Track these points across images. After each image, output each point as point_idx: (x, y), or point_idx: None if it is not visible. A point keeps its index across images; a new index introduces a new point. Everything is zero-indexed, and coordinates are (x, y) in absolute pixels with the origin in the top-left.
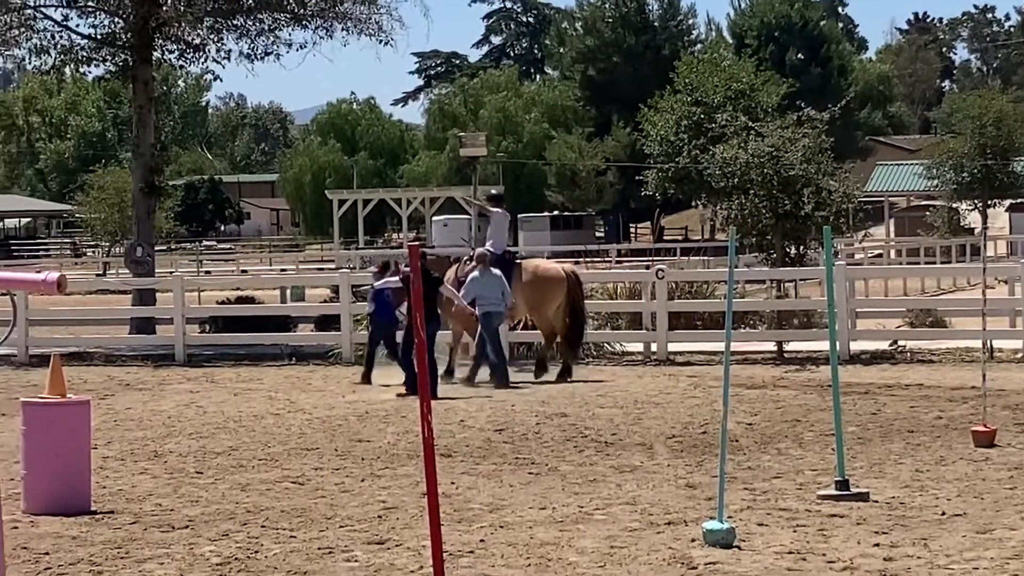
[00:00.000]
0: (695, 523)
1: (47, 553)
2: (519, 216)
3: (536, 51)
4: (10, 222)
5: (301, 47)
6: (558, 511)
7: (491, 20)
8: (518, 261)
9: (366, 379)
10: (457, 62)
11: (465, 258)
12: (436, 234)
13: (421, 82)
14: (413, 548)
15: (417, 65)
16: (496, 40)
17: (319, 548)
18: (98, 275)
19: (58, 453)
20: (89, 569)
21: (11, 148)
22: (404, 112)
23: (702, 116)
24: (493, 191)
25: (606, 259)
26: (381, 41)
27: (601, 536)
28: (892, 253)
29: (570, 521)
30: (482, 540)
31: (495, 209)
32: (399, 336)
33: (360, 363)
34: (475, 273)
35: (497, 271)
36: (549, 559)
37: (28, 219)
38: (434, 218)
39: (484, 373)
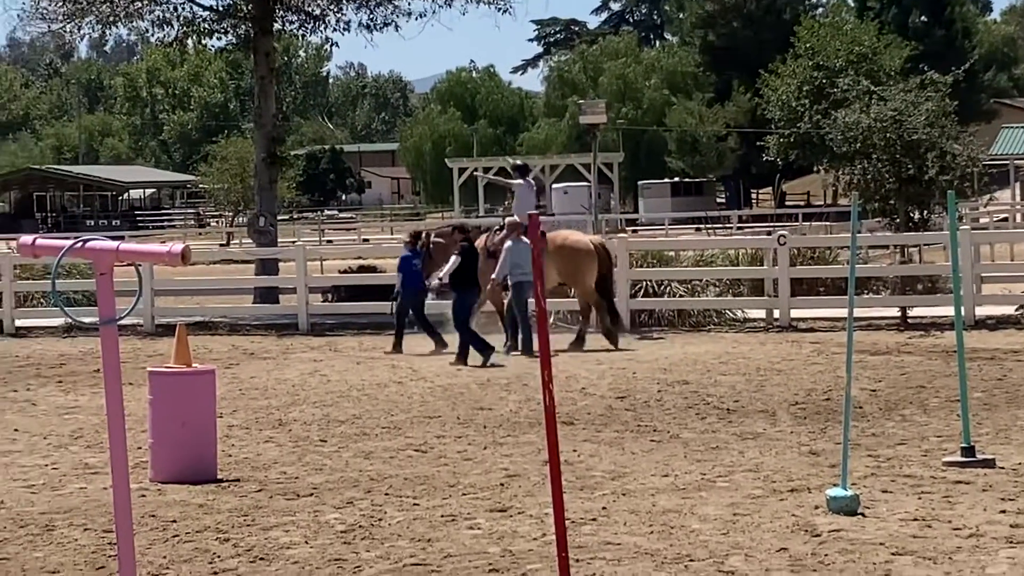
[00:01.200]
0: (818, 490)
1: (174, 521)
2: (639, 183)
3: (655, 17)
4: (135, 193)
5: (420, 16)
6: (680, 478)
7: None
8: (545, 232)
9: (397, 348)
10: (576, 29)
11: (495, 228)
12: (556, 202)
13: (540, 49)
14: (535, 516)
15: (536, 32)
16: (615, 6)
17: (442, 516)
18: (222, 245)
19: (184, 422)
20: (216, 536)
21: (135, 120)
22: (523, 80)
23: (823, 80)
24: (518, 161)
25: (727, 225)
26: (500, 9)
27: (724, 503)
28: (1018, 217)
29: (692, 488)
30: (604, 508)
31: (517, 181)
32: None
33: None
34: (509, 243)
35: (527, 241)
36: (671, 527)
37: (152, 190)
38: (554, 186)
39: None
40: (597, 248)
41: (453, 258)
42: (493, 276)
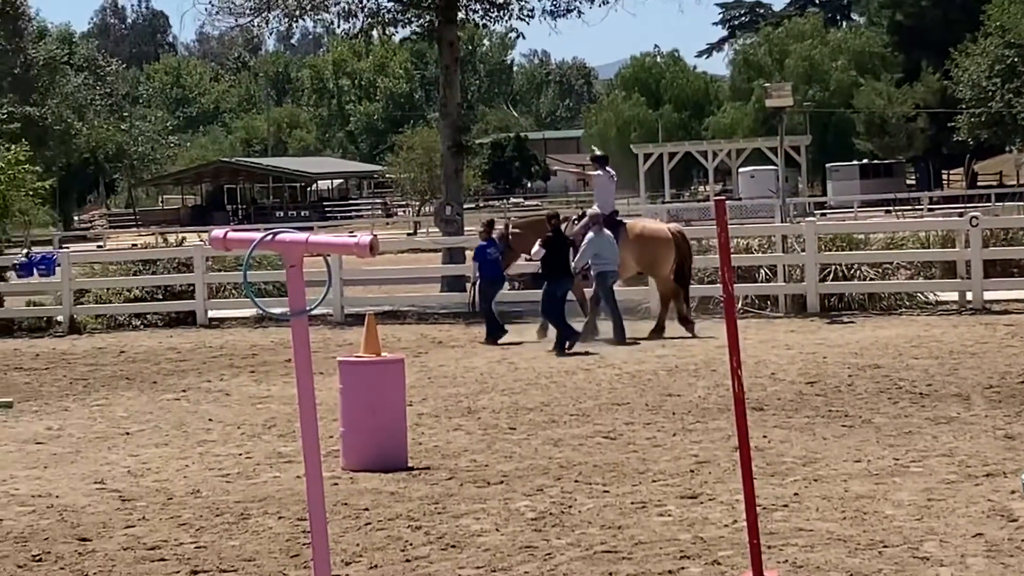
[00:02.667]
0: (1014, 475)
1: (367, 509)
2: (827, 165)
3: None
4: (323, 184)
5: (604, 2)
6: (873, 464)
7: None
8: (624, 221)
9: (497, 337)
10: (761, 11)
11: (573, 218)
12: (743, 186)
13: (725, 33)
14: (726, 502)
15: (721, 16)
16: None
17: (632, 502)
18: (409, 234)
19: (375, 410)
20: (407, 524)
21: (322, 111)
22: (708, 64)
23: (1015, 59)
24: (597, 152)
25: (917, 207)
26: None
27: (918, 489)
28: None
29: (885, 474)
30: (796, 494)
31: (596, 172)
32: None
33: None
34: (590, 234)
35: (608, 232)
36: (865, 512)
37: (340, 180)
38: (740, 170)
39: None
40: (675, 236)
41: (536, 248)
42: (572, 266)
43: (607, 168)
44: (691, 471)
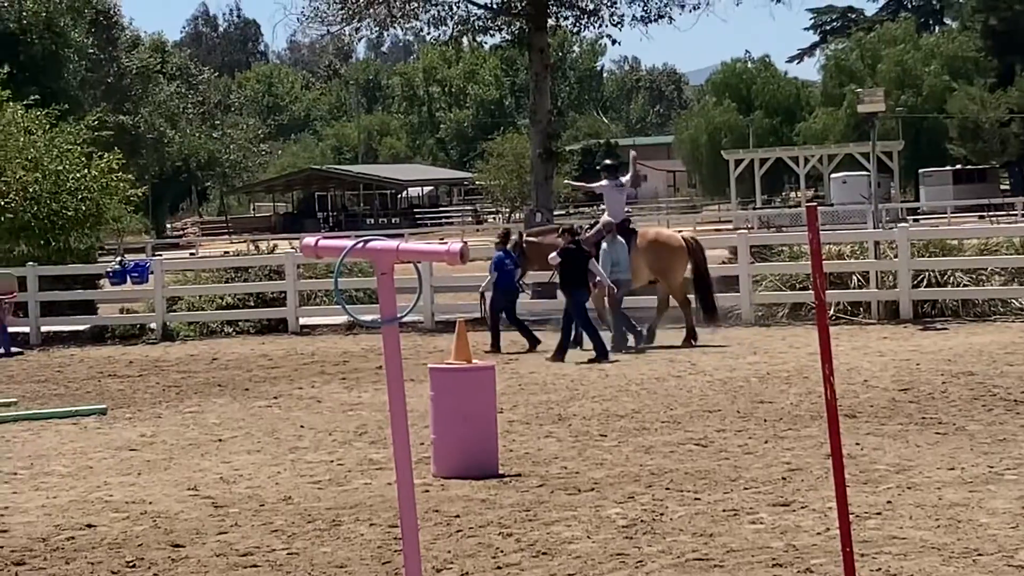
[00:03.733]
0: None
1: (458, 516)
2: (920, 171)
3: (934, 2)
4: (413, 191)
5: (694, 8)
6: (967, 471)
7: None
8: (636, 229)
9: (495, 347)
10: (853, 16)
11: (586, 227)
12: (835, 191)
13: (816, 38)
14: (819, 510)
15: (812, 21)
16: None
17: (724, 510)
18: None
19: (466, 417)
20: (499, 531)
21: (413, 118)
22: (799, 69)
23: None
24: (607, 161)
25: (1011, 212)
26: None
27: (1013, 497)
28: None
29: (980, 482)
30: (889, 502)
31: (602, 182)
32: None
33: (756, 323)
34: (604, 244)
35: (622, 239)
36: (959, 520)
37: (430, 187)
38: (832, 175)
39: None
40: (688, 243)
41: (554, 254)
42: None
43: (617, 177)
44: (783, 478)
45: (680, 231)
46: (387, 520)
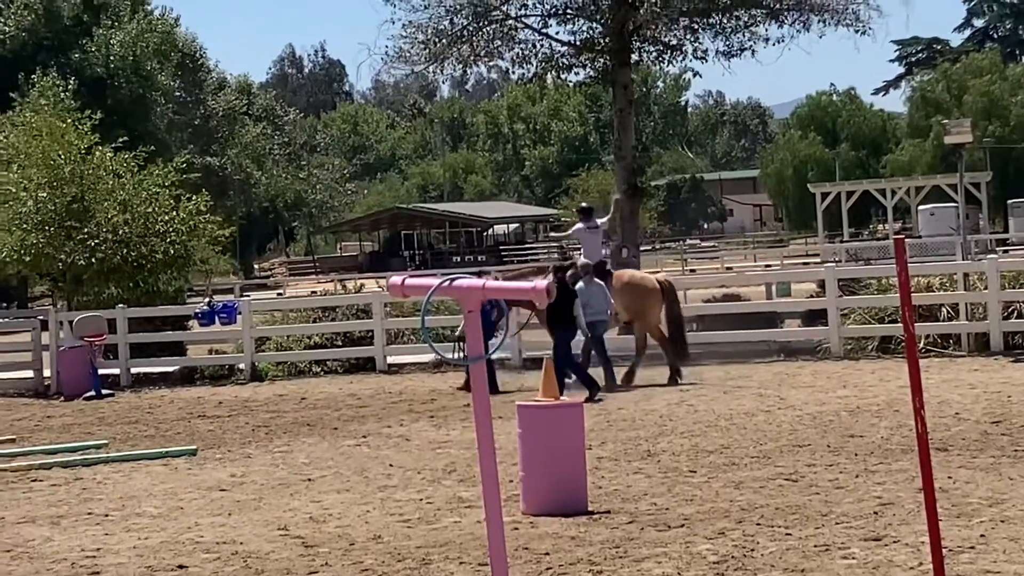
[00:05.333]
0: None
1: (547, 553)
2: (1009, 202)
3: (1020, 31)
4: (499, 228)
5: (778, 42)
6: None
7: (972, 3)
8: (611, 270)
9: (468, 386)
10: (938, 47)
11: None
12: (923, 224)
13: (902, 70)
14: (911, 544)
15: (897, 53)
16: (978, 23)
17: (815, 545)
18: None
19: (554, 454)
20: (589, 568)
21: (497, 156)
22: (885, 101)
23: None
24: (583, 204)
25: None
26: (859, 31)
27: None
28: None
29: None
30: (982, 535)
31: (577, 225)
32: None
33: (845, 356)
34: (580, 284)
35: (599, 281)
36: None
37: (516, 224)
38: (920, 207)
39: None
40: (662, 285)
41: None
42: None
43: (592, 219)
44: (875, 513)
45: (656, 271)
46: (477, 558)
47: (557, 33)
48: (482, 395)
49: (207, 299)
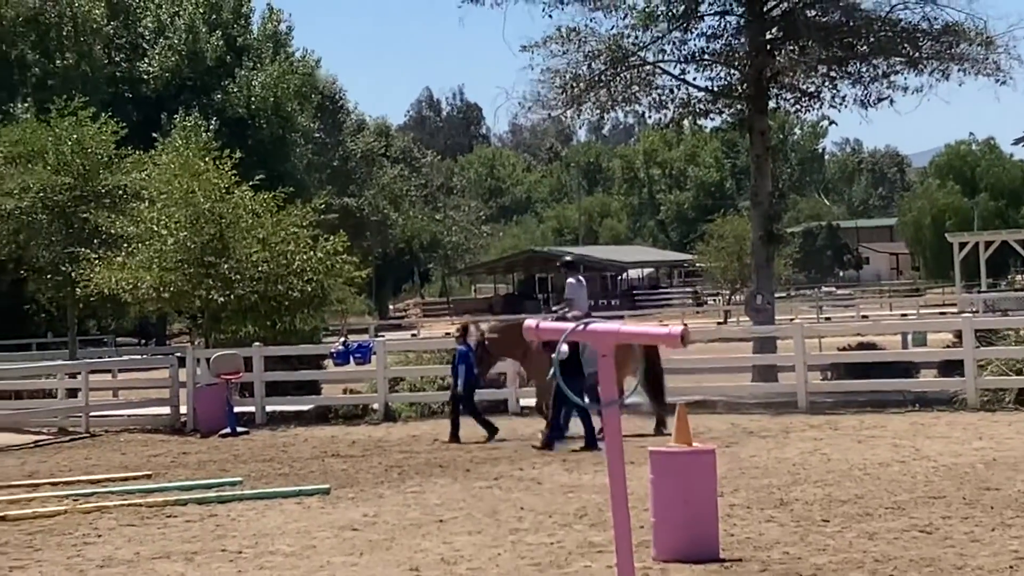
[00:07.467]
0: None
1: None
2: None
3: None
4: (633, 272)
5: (916, 91)
6: None
7: None
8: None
9: (454, 438)
10: None
11: (549, 319)
12: None
13: None
14: None
15: None
16: None
17: None
18: (719, 323)
19: (686, 501)
20: None
21: (633, 200)
22: None
23: None
24: (567, 258)
25: None
26: (999, 81)
27: None
28: None
29: None
30: None
31: (569, 280)
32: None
33: (982, 408)
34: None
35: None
36: None
37: (650, 269)
38: None
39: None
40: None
41: (564, 348)
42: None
43: (578, 272)
44: (1010, 567)
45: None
46: None
47: (694, 79)
48: (616, 441)
49: (342, 339)
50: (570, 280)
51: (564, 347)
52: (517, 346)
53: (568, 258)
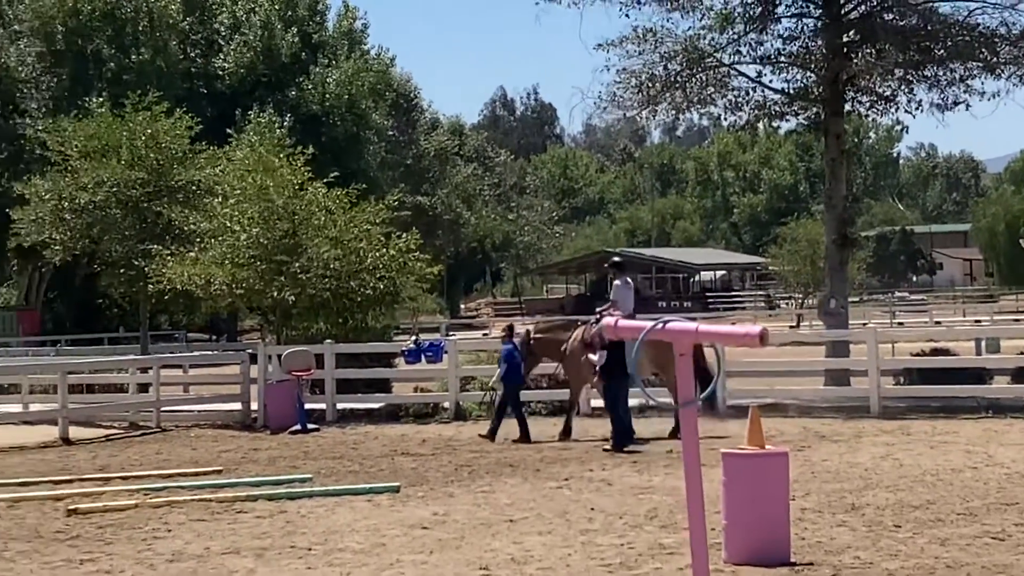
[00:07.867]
0: None
1: None
2: None
3: None
4: (706, 275)
5: (993, 96)
6: None
7: None
8: None
9: (492, 435)
10: None
11: (592, 320)
12: None
13: None
14: None
15: None
16: None
17: None
18: (791, 327)
19: (758, 504)
20: None
21: (706, 202)
22: None
23: None
24: (616, 259)
25: None
26: None
27: None
28: None
29: None
30: None
31: (616, 283)
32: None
33: None
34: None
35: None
36: None
37: (723, 271)
38: None
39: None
40: None
41: (601, 353)
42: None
43: (625, 274)
44: None
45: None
46: None
47: (770, 81)
48: (692, 443)
49: (414, 337)
50: (617, 282)
51: (603, 352)
52: (558, 346)
53: (617, 259)
